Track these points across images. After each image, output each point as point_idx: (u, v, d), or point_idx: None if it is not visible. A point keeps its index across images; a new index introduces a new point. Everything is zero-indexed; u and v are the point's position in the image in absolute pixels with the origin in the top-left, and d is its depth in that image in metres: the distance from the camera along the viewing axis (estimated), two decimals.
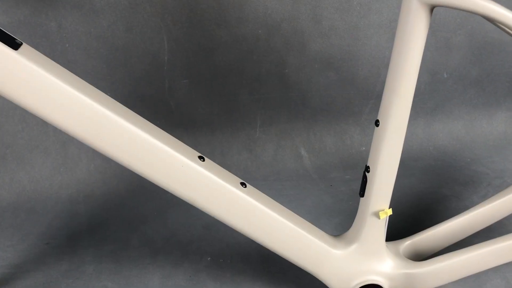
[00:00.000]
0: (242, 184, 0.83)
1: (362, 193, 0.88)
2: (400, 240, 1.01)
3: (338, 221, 1.27)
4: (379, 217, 0.86)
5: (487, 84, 1.57)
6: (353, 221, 0.91)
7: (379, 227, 0.88)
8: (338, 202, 1.35)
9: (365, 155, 1.55)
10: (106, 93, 0.69)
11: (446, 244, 1.04)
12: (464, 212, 1.05)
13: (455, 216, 1.04)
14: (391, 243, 0.99)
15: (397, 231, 1.26)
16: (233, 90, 1.39)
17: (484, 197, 1.34)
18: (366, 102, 1.51)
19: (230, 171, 1.49)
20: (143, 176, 0.72)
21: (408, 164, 1.51)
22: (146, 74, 1.30)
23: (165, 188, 0.75)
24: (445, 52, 1.48)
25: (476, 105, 1.60)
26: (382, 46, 1.41)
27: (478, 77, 1.55)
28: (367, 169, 0.86)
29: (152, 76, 1.31)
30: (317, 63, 1.38)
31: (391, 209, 0.86)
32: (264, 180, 1.45)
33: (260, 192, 0.86)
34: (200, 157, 0.78)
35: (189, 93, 1.36)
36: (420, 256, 1.02)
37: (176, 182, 0.76)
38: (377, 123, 0.82)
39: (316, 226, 0.89)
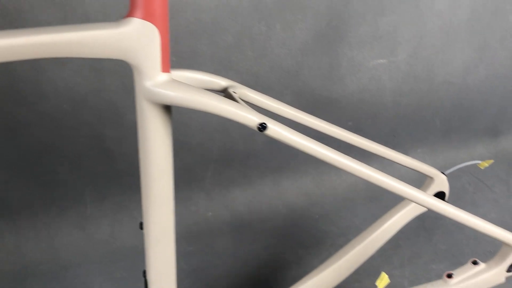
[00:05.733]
0: None
1: None
2: None
3: None
4: None
5: (329, 138, 1.55)
6: None
7: None
8: None
9: (213, 221, 1.47)
10: None
11: None
12: (297, 284, 0.97)
13: None
14: None
15: None
16: (51, 169, 1.26)
17: (324, 260, 1.29)
18: (206, 167, 1.44)
19: (59, 254, 1.37)
20: None
21: (255, 227, 1.45)
22: None
23: None
24: None
25: None
26: (208, 113, 1.35)
27: (318, 132, 1.53)
28: (144, 273, 0.77)
29: None
30: None
31: None
32: (99, 261, 1.32)
33: None
34: None
35: None
36: None
37: None
38: (141, 226, 0.74)
39: None
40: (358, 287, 1.21)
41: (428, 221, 1.44)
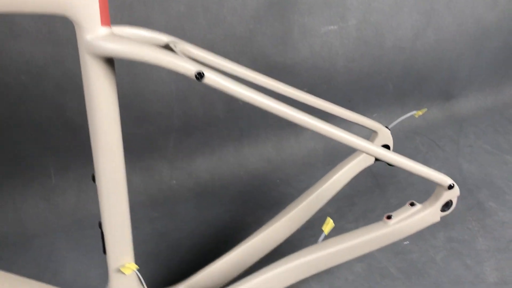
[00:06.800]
0: None
1: (104, 250, 0.83)
2: (173, 285, 0.97)
3: None
4: (124, 273, 0.82)
5: (276, 96, 1.60)
6: None
7: (130, 282, 0.84)
8: (139, 246, 1.29)
9: (176, 188, 1.52)
10: None
11: (226, 280, 1.02)
12: (243, 242, 1.02)
13: (235, 247, 1.02)
14: None
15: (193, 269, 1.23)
16: (13, 140, 1.28)
17: None
18: (167, 136, 1.48)
19: (25, 225, 1.40)
20: None
21: (218, 193, 1.50)
22: None
23: None
24: None
25: (282, 126, 1.63)
26: (166, 81, 1.38)
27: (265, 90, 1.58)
28: (99, 224, 0.82)
29: None
30: None
31: (133, 263, 0.82)
32: (65, 231, 1.36)
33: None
34: None
35: None
36: None
37: None
38: (93, 179, 0.78)
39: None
40: (314, 242, 1.27)
41: (382, 179, 1.52)
